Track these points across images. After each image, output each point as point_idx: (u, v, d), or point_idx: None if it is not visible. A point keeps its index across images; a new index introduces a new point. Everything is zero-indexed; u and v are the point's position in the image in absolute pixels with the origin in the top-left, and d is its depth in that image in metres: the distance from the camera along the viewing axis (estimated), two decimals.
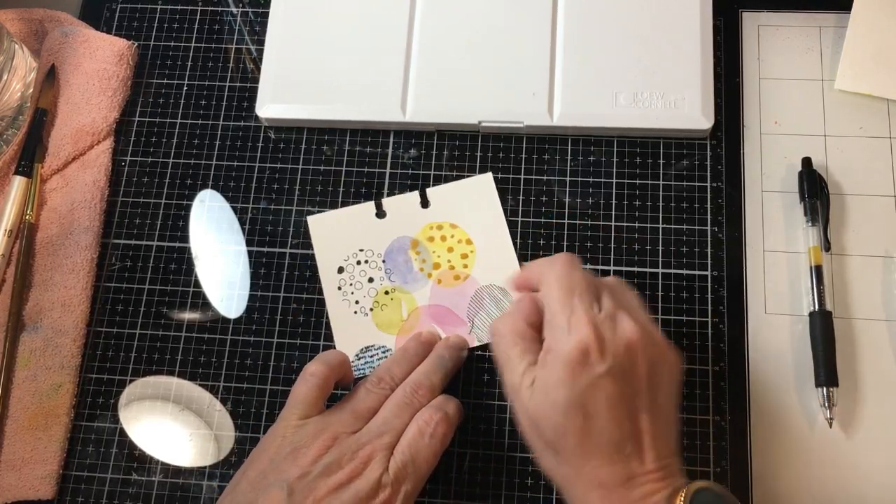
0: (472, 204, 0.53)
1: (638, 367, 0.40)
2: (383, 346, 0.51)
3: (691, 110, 0.52)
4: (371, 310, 0.51)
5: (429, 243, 0.52)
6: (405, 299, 0.51)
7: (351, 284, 0.52)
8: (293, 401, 0.45)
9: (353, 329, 0.51)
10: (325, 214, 0.53)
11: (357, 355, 0.50)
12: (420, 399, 0.45)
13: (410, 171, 0.55)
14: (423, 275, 0.52)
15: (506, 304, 0.50)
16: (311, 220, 0.53)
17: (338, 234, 0.53)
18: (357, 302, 0.51)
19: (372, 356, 0.50)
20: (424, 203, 0.53)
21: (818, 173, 0.51)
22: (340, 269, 0.52)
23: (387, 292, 0.51)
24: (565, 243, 0.52)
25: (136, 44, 0.59)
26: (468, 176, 0.54)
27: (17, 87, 0.56)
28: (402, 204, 0.53)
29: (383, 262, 0.52)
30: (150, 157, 0.57)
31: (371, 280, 0.52)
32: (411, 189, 0.54)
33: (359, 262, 0.52)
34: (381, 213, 0.53)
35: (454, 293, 0.51)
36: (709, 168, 0.53)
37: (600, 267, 0.52)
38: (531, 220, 0.53)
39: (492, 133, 0.55)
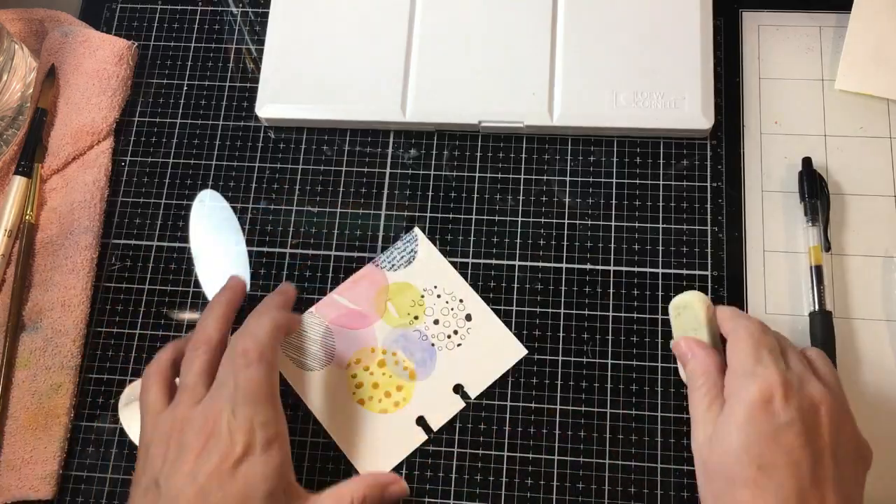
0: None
1: (823, 428, 0.38)
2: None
3: (691, 110, 0.52)
4: None
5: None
6: None
7: None
8: (142, 409, 0.45)
9: None
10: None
11: None
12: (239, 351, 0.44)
13: (410, 171, 0.55)
14: None
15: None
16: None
17: None
18: None
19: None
20: None
21: (818, 173, 0.51)
22: None
23: None
24: (565, 243, 0.52)
25: (136, 44, 0.59)
26: (467, 176, 0.54)
27: (17, 87, 0.56)
28: None
29: None
30: (150, 157, 0.57)
31: None
32: (411, 188, 0.54)
33: None
34: None
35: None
36: (709, 168, 0.53)
37: (600, 267, 0.52)
38: (531, 220, 0.53)
39: (492, 133, 0.55)
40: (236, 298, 0.49)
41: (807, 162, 0.51)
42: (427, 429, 0.48)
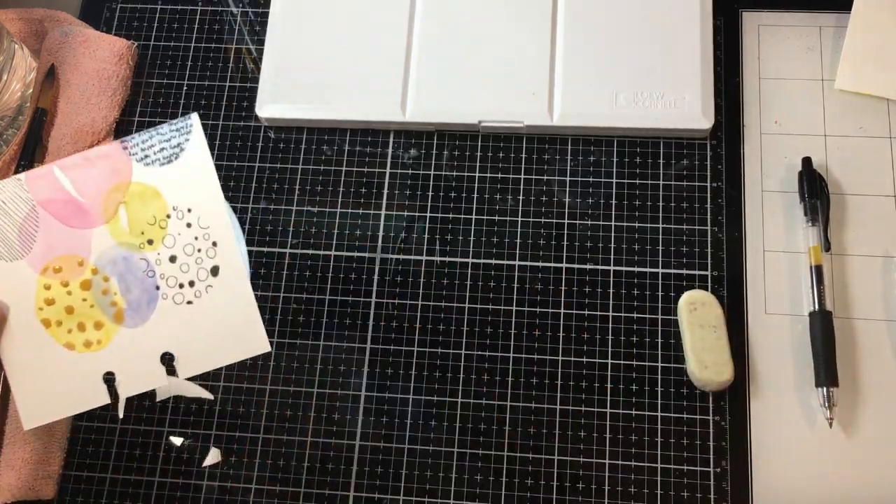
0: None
1: None
2: None
3: (691, 110, 0.52)
4: None
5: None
6: None
7: None
8: None
9: None
10: None
11: None
12: None
13: (410, 171, 0.55)
14: None
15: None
16: None
17: None
18: None
19: None
20: None
21: (818, 173, 0.51)
22: None
23: None
24: (565, 243, 0.52)
25: (136, 44, 0.59)
26: (467, 176, 0.54)
27: (17, 87, 0.56)
28: None
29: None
30: None
31: None
32: (411, 188, 0.54)
33: None
34: None
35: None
36: (709, 168, 0.53)
37: (600, 267, 0.52)
38: (531, 220, 0.53)
39: (492, 133, 0.55)
40: None
41: (807, 162, 0.51)
42: (113, 392, 0.38)
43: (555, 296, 0.51)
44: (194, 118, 0.37)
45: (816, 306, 0.48)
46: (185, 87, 0.58)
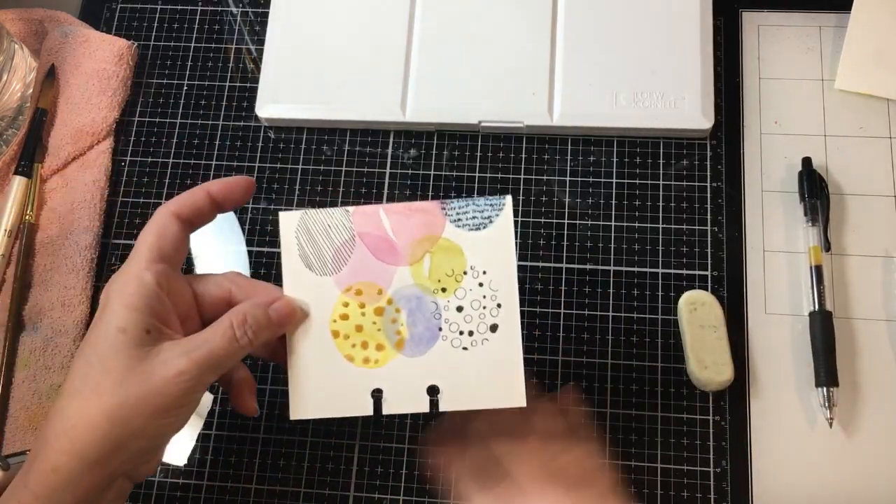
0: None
1: None
2: None
3: (691, 110, 0.52)
4: None
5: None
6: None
7: None
8: None
9: None
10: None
11: None
12: None
13: (410, 171, 0.55)
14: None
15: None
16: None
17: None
18: None
19: None
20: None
21: (818, 173, 0.51)
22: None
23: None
24: (565, 243, 0.52)
25: (136, 44, 0.59)
26: (467, 176, 0.54)
27: (17, 87, 0.56)
28: None
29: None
30: (150, 157, 0.57)
31: None
32: (411, 188, 0.54)
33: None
34: None
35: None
36: (709, 168, 0.53)
37: (600, 267, 0.52)
38: (531, 220, 0.53)
39: (492, 133, 0.55)
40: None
41: (807, 162, 0.51)
42: (377, 407, 0.42)
43: (555, 296, 0.51)
44: (508, 200, 0.42)
45: (816, 306, 0.48)
46: (185, 87, 0.58)
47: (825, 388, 0.47)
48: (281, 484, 0.49)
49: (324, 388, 0.42)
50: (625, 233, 0.52)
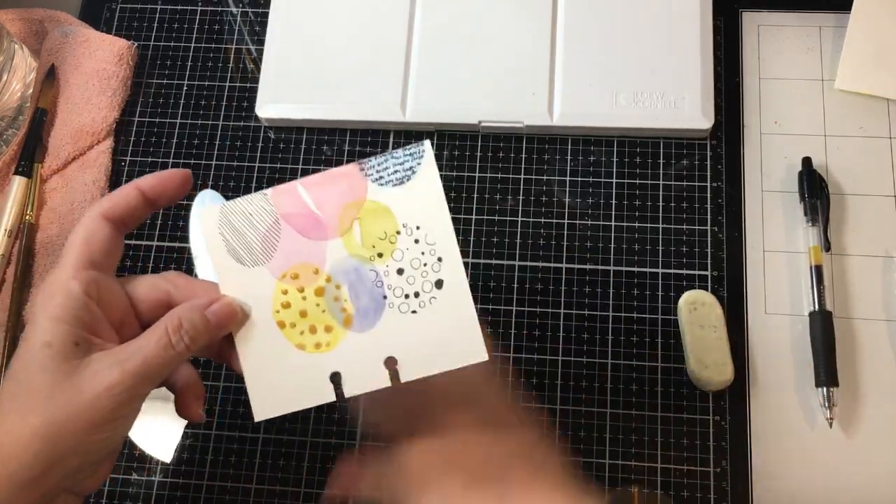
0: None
1: None
2: None
3: (691, 110, 0.52)
4: None
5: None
6: None
7: None
8: None
9: None
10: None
11: None
12: None
13: None
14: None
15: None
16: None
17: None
18: None
19: None
20: None
21: (818, 173, 0.51)
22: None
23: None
24: (565, 243, 0.52)
25: (136, 44, 0.59)
26: (467, 176, 0.54)
27: (17, 87, 0.56)
28: None
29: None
30: (150, 157, 0.57)
31: None
32: None
33: None
34: None
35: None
36: (709, 168, 0.53)
37: (600, 267, 0.52)
38: (531, 220, 0.53)
39: (492, 133, 0.55)
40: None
41: (807, 162, 0.51)
42: (339, 391, 0.40)
43: (555, 296, 0.51)
44: (427, 145, 0.40)
45: (816, 306, 0.48)
46: (185, 87, 0.58)
47: (825, 388, 0.47)
48: (281, 484, 0.49)
49: (282, 383, 0.41)
50: (625, 233, 0.52)
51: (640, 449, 0.48)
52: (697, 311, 0.49)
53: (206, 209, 0.41)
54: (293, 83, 0.56)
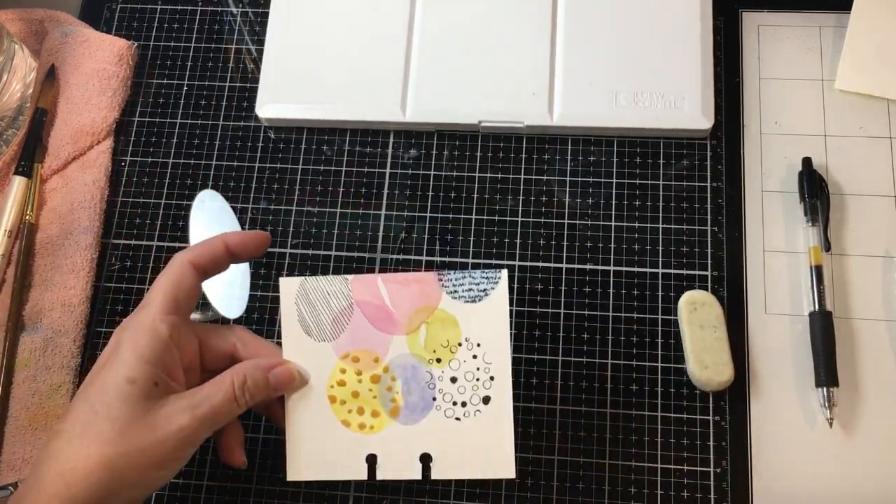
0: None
1: None
2: None
3: (691, 110, 0.52)
4: None
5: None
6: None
7: None
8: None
9: None
10: None
11: None
12: None
13: (410, 171, 0.55)
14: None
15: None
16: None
17: None
18: None
19: None
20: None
21: (818, 173, 0.51)
22: None
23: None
24: (565, 243, 0.52)
25: (136, 44, 0.59)
26: (467, 176, 0.54)
27: (17, 87, 0.56)
28: None
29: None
30: (150, 157, 0.57)
31: None
32: (411, 188, 0.54)
33: None
34: None
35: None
36: (709, 168, 0.53)
37: (600, 267, 0.52)
38: (531, 220, 0.53)
39: (492, 133, 0.55)
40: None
41: (807, 162, 0.51)
42: (371, 471, 0.43)
43: (555, 296, 0.51)
44: (503, 274, 0.44)
45: (816, 306, 0.48)
46: (185, 87, 0.58)
47: (825, 388, 0.47)
48: (281, 484, 0.49)
49: (320, 450, 0.43)
50: (625, 233, 0.52)
51: (640, 449, 0.48)
52: (697, 311, 0.49)
53: (288, 280, 0.44)
54: (293, 83, 0.56)
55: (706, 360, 0.48)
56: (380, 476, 0.43)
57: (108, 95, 0.57)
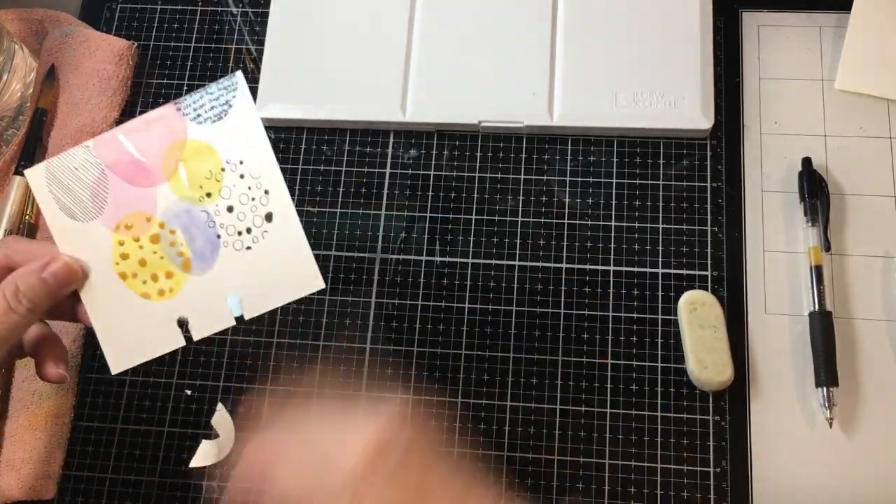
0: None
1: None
2: None
3: (691, 110, 0.52)
4: None
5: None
6: None
7: None
8: None
9: None
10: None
11: None
12: None
13: (410, 171, 0.55)
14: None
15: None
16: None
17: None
18: None
19: None
20: None
21: (818, 173, 0.51)
22: None
23: None
24: (565, 243, 0.52)
25: (136, 44, 0.59)
26: (467, 176, 0.54)
27: (17, 87, 0.56)
28: None
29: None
30: None
31: None
32: (411, 188, 0.54)
33: None
34: None
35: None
36: (709, 168, 0.53)
37: (600, 267, 0.52)
38: (531, 220, 0.53)
39: (492, 133, 0.55)
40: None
41: (807, 162, 0.51)
42: (188, 335, 0.42)
43: (555, 296, 0.51)
44: (239, 76, 0.40)
45: (816, 306, 0.48)
46: (185, 87, 0.58)
47: (825, 388, 0.47)
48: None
49: (133, 334, 0.41)
50: (625, 233, 0.52)
51: (640, 449, 0.48)
52: (697, 311, 0.49)
53: (32, 170, 0.41)
54: (293, 83, 0.56)
55: (706, 360, 0.48)
56: (196, 336, 0.41)
57: (108, 95, 0.57)
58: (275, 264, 0.41)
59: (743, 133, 0.54)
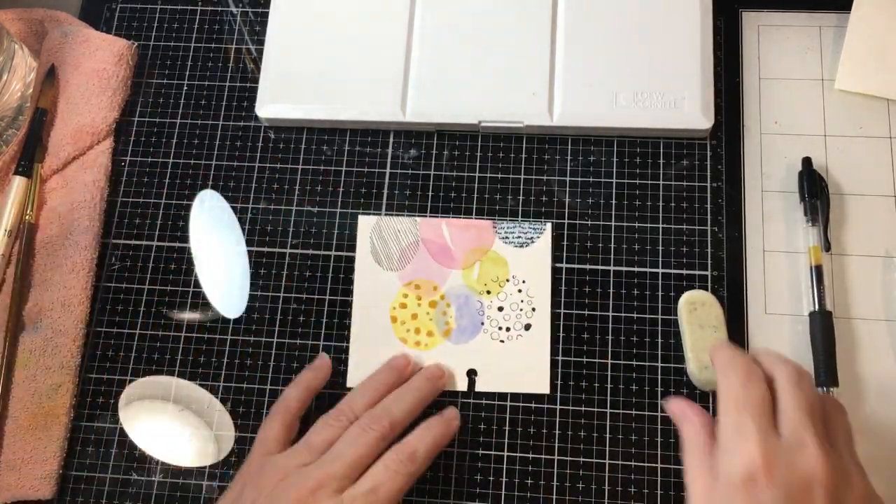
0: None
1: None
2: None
3: (691, 110, 0.52)
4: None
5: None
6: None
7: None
8: (257, 441, 0.46)
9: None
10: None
11: None
12: (378, 430, 0.44)
13: (410, 171, 0.55)
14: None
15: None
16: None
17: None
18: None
19: None
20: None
21: (818, 173, 0.51)
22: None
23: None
24: (565, 243, 0.52)
25: (136, 44, 0.59)
26: (467, 176, 0.54)
27: (17, 87, 0.56)
28: None
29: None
30: (150, 157, 0.57)
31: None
32: (411, 188, 0.54)
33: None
34: None
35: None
36: (709, 168, 0.53)
37: (600, 267, 0.52)
38: (531, 220, 0.53)
39: (492, 133, 0.55)
40: (431, 394, 0.48)
41: (807, 162, 0.51)
42: None
43: (555, 296, 0.51)
44: (548, 226, 0.52)
45: (816, 306, 0.48)
46: (185, 87, 0.58)
47: (825, 388, 0.47)
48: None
49: (377, 362, 0.49)
50: (625, 233, 0.52)
51: (640, 449, 0.48)
52: (697, 311, 0.49)
53: (364, 218, 0.53)
54: (293, 83, 0.56)
55: (706, 360, 0.48)
56: None
57: (108, 95, 0.57)
58: (517, 361, 0.49)
59: (743, 133, 0.54)
